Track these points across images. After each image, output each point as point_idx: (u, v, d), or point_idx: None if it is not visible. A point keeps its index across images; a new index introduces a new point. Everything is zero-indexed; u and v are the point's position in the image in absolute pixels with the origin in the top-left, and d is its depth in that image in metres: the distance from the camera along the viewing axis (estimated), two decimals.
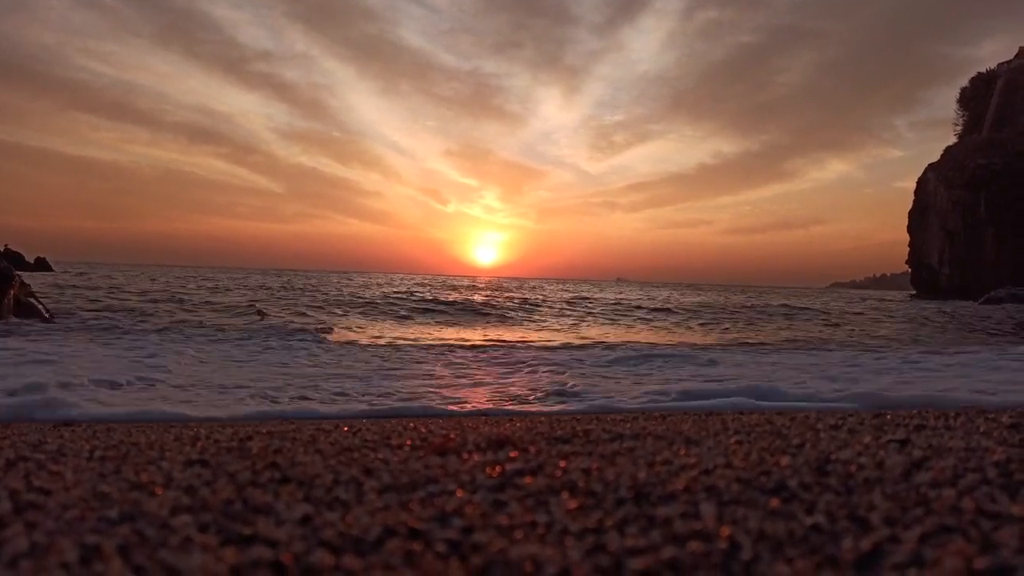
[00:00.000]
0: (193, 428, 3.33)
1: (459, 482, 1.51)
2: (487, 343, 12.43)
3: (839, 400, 5.60)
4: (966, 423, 2.52)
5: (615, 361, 9.35)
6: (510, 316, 20.06)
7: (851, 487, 1.41)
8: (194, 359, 8.50)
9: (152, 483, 1.53)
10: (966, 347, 12.29)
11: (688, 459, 1.75)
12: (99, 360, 7.89)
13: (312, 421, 4.13)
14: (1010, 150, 57.12)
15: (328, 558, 1.01)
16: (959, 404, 4.99)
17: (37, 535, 1.11)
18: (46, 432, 3.13)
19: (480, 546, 1.07)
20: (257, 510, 1.28)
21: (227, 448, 2.11)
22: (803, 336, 15.48)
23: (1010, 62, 68.29)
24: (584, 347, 11.65)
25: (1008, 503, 1.26)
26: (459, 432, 2.45)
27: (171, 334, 11.69)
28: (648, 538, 1.10)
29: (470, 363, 9.09)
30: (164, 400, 5.52)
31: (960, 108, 75.07)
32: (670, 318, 21.23)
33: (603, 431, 2.40)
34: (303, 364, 8.46)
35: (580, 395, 6.20)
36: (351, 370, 7.99)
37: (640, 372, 8.25)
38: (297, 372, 7.68)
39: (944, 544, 1.04)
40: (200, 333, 12.05)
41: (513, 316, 20.08)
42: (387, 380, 7.16)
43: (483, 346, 11.73)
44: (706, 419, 3.13)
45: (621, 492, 1.39)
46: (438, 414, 5.11)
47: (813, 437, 2.16)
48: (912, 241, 65.77)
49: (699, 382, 7.08)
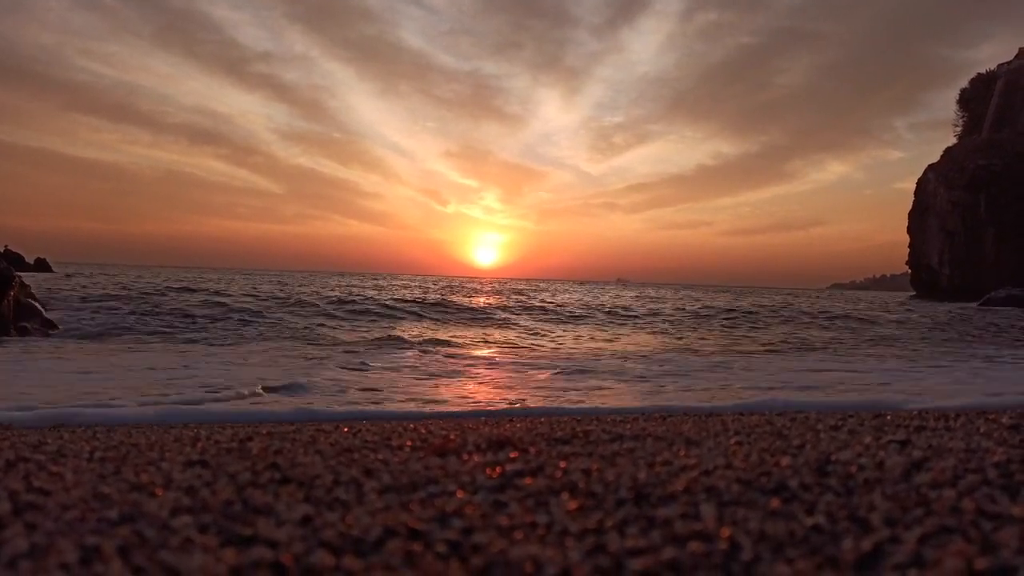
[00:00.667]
0: (193, 429, 3.33)
1: (459, 483, 1.51)
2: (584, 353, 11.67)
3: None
4: (966, 424, 2.52)
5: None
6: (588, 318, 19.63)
7: (851, 488, 1.41)
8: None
9: (152, 484, 1.53)
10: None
11: (688, 460, 1.75)
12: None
13: (328, 422, 4.12)
14: (1010, 151, 57.14)
15: (328, 559, 1.01)
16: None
17: (37, 536, 1.11)
18: (46, 433, 3.13)
19: (480, 547, 1.07)
20: (257, 511, 1.28)
21: (227, 449, 2.11)
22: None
23: (1010, 63, 68.31)
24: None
25: (1008, 504, 1.26)
26: (459, 433, 2.45)
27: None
28: (648, 539, 1.10)
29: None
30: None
31: (960, 109, 75.09)
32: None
33: (603, 432, 2.40)
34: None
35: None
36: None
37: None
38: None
39: (944, 545, 1.04)
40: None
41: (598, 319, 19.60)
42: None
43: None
44: (706, 420, 3.13)
45: (621, 493, 1.39)
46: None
47: (813, 438, 2.16)
48: (912, 242, 65.76)
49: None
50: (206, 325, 14.40)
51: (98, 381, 6.72)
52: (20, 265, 40.75)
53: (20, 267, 37.53)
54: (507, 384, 7.31)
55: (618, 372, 8.41)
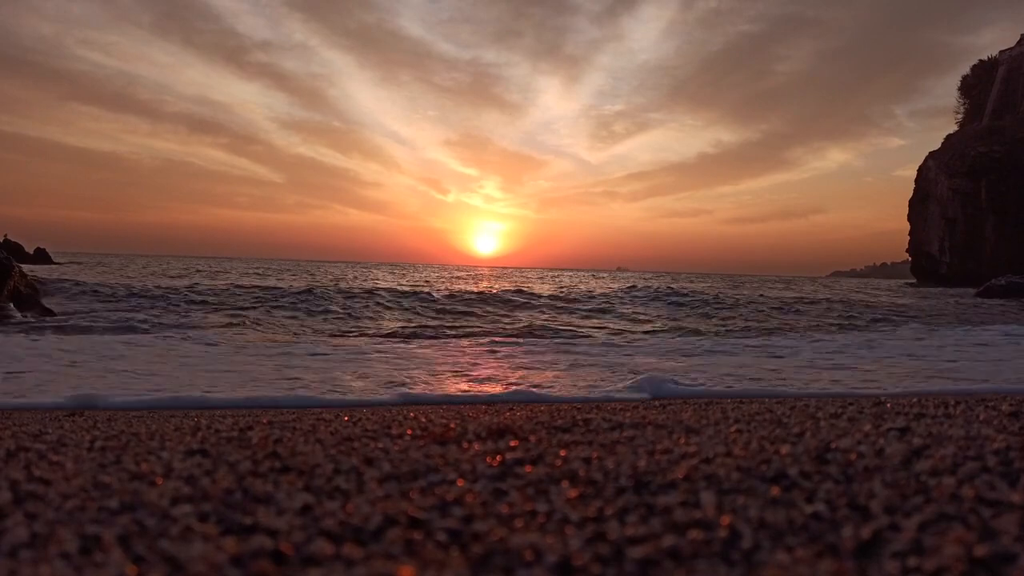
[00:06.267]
0: (194, 418, 3.33)
1: (459, 471, 1.51)
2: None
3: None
4: (966, 411, 2.52)
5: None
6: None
7: (851, 475, 1.41)
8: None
9: (152, 473, 1.53)
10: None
11: (688, 448, 1.75)
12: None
13: (327, 409, 4.13)
14: (1011, 138, 56.94)
15: (328, 547, 1.01)
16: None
17: (37, 525, 1.11)
18: (47, 422, 3.14)
19: (480, 535, 1.07)
20: (257, 500, 1.28)
21: (227, 438, 2.11)
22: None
23: (1011, 49, 67.94)
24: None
25: (1008, 491, 1.26)
26: (459, 421, 2.45)
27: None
28: (648, 527, 1.10)
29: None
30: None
31: (961, 96, 74.78)
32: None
33: (603, 420, 2.40)
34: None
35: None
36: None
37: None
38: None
39: (944, 532, 1.04)
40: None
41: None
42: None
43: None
44: (706, 408, 3.13)
45: (621, 481, 1.39)
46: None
47: (813, 426, 2.16)
48: (912, 229, 65.66)
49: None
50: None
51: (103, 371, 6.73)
52: (20, 255, 40.70)
53: (20, 257, 37.44)
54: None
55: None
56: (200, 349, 9.69)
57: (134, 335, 11.03)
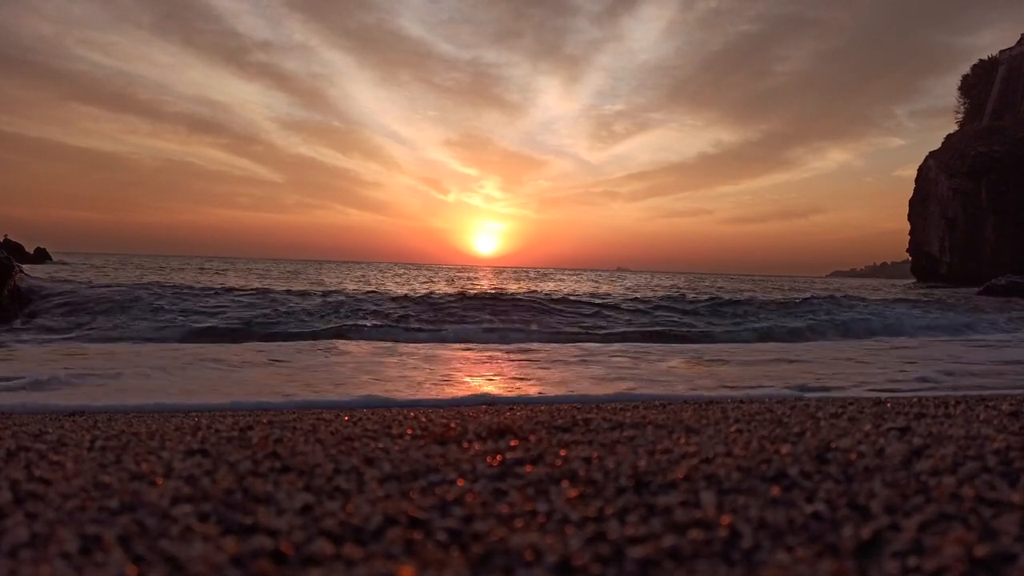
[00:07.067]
0: (194, 418, 3.33)
1: (460, 471, 1.51)
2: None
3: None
4: (966, 411, 2.52)
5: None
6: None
7: (851, 475, 1.41)
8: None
9: (152, 473, 1.53)
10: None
11: (688, 447, 1.75)
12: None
13: (328, 410, 4.13)
14: (1011, 137, 56.92)
15: (328, 547, 1.01)
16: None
17: (38, 525, 1.11)
18: (47, 422, 3.14)
19: (480, 535, 1.07)
20: (258, 500, 1.28)
21: (228, 438, 2.11)
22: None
23: (1011, 49, 67.94)
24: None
25: (1008, 491, 1.26)
26: (459, 421, 2.45)
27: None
28: (648, 527, 1.10)
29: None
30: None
31: (961, 96, 74.78)
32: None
33: (603, 420, 2.40)
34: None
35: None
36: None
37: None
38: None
39: (944, 532, 1.04)
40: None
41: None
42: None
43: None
44: (706, 408, 3.13)
45: (621, 481, 1.39)
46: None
47: (813, 425, 2.16)
48: (912, 229, 65.62)
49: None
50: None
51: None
52: (20, 255, 40.72)
53: (20, 257, 37.46)
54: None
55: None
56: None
57: (118, 344, 11.00)
